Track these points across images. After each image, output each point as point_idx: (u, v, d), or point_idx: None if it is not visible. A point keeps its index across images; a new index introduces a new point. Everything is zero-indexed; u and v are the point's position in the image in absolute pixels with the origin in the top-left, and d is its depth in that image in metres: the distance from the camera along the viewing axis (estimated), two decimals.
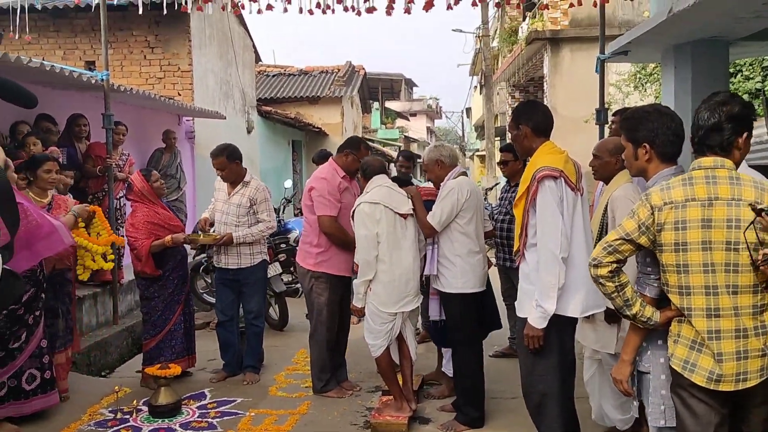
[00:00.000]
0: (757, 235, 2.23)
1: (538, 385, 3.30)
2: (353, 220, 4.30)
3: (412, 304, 4.28)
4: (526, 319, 3.22)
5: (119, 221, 6.54)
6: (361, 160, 4.71)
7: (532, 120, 3.32)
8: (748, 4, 4.40)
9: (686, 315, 2.35)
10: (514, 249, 3.42)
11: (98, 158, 6.45)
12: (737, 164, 2.47)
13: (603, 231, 3.54)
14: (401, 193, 4.39)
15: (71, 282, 4.81)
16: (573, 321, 3.28)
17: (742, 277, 2.27)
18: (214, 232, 5.28)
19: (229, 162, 5.17)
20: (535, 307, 3.14)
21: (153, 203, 5.05)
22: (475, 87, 28.66)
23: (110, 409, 4.61)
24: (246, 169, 5.36)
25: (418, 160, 11.75)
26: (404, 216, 4.28)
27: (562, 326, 3.20)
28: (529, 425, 3.67)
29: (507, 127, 3.48)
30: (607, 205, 3.55)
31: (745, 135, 2.43)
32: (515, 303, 3.44)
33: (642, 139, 2.56)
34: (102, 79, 6.28)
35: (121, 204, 6.77)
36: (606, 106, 6.62)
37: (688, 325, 2.35)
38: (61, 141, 6.31)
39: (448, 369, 4.71)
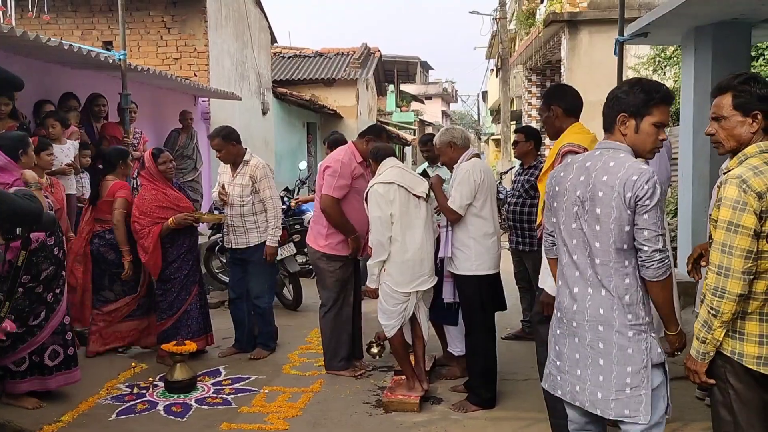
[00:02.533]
0: None
1: None
2: (367, 202, 4.32)
3: (426, 284, 4.29)
4: (543, 290, 3.27)
5: None
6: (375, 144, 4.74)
7: (564, 101, 3.44)
8: None
9: None
10: (537, 222, 3.47)
11: (113, 138, 6.50)
12: None
13: None
14: (414, 174, 4.41)
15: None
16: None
17: None
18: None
19: (225, 143, 5.17)
20: (549, 275, 3.16)
21: (162, 184, 5.09)
22: (492, 70, 28.44)
23: (127, 384, 4.69)
24: (246, 149, 5.34)
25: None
26: (418, 197, 4.29)
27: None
28: (540, 407, 3.69)
29: (539, 109, 3.53)
30: None
31: None
32: (538, 276, 3.46)
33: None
34: (119, 59, 6.32)
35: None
36: None
37: (751, 321, 2.26)
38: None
39: (454, 348, 4.75)
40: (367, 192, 4.33)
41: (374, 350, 4.75)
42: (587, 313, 2.39)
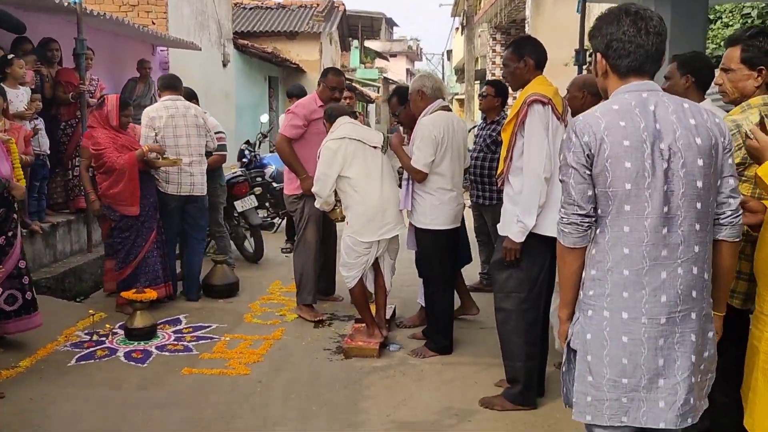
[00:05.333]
0: None
1: (505, 302, 3.47)
2: (319, 157, 4.37)
3: (392, 232, 4.32)
4: (506, 237, 3.37)
5: None
6: (329, 88, 4.96)
7: (536, 53, 3.47)
8: None
9: None
10: (498, 171, 3.55)
11: (69, 84, 6.30)
12: None
13: None
14: (368, 129, 4.53)
15: None
16: (549, 241, 3.39)
17: None
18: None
19: None
20: (515, 222, 3.29)
21: (114, 130, 5.10)
22: (457, 28, 28.26)
23: (86, 331, 4.67)
24: None
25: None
26: (374, 147, 4.36)
27: (535, 245, 3.33)
28: (495, 353, 3.84)
29: (505, 58, 3.51)
30: None
31: None
32: (497, 225, 3.56)
33: (595, 47, 2.05)
34: (75, 3, 6.09)
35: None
36: (586, 48, 6.63)
37: None
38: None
39: (421, 299, 4.84)
40: (320, 150, 4.36)
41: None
42: (679, 302, 1.89)
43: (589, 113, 1.95)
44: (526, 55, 3.45)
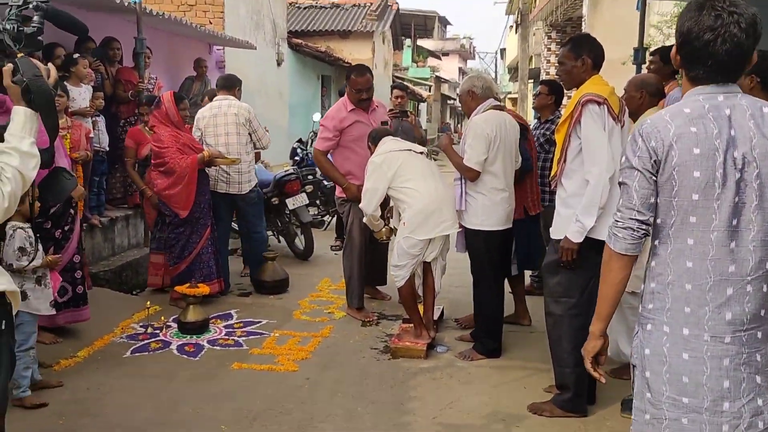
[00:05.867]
0: None
1: (555, 307, 3.41)
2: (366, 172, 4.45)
3: (449, 230, 4.28)
4: (558, 240, 3.31)
5: None
6: (354, 89, 4.87)
7: (594, 52, 3.39)
8: None
9: None
10: (551, 174, 3.46)
11: (128, 83, 6.48)
12: None
13: None
14: (411, 144, 4.61)
15: None
16: (602, 246, 3.30)
17: None
18: None
19: None
20: (574, 221, 3.22)
21: (176, 127, 5.16)
22: (511, 27, 27.93)
23: (141, 324, 4.80)
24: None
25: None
26: (421, 153, 4.47)
27: (588, 249, 3.24)
28: (545, 358, 3.77)
29: (562, 56, 3.43)
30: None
31: None
32: (550, 228, 3.48)
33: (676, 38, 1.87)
34: (135, 2, 6.26)
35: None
36: (645, 46, 6.44)
37: None
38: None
39: None
40: (367, 166, 4.44)
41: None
42: (746, 319, 1.76)
43: (659, 116, 1.80)
44: (584, 53, 3.36)
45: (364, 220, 4.57)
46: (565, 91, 5.04)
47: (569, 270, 3.30)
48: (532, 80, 19.54)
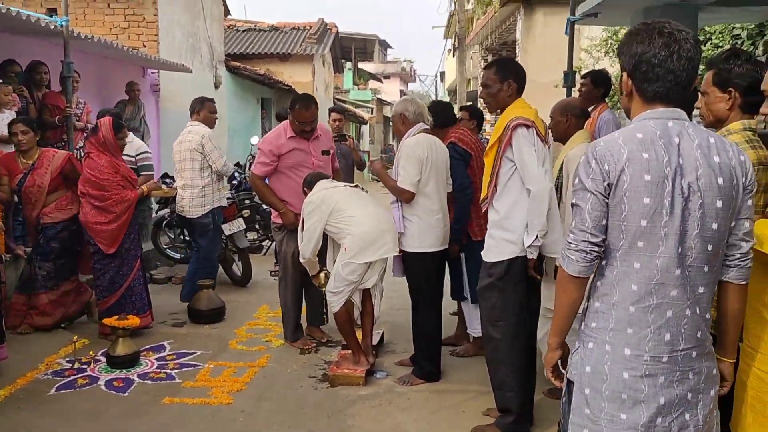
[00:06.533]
0: None
1: (493, 331, 3.41)
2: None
3: (391, 252, 4.23)
4: (493, 263, 3.34)
5: None
6: (297, 121, 4.79)
7: (520, 76, 3.45)
8: None
9: None
10: (481, 197, 3.47)
11: (55, 108, 6.26)
12: None
13: (558, 191, 3.61)
14: (344, 183, 4.64)
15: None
16: (527, 263, 3.36)
17: None
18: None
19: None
20: (527, 234, 3.25)
21: (114, 155, 4.96)
22: (449, 50, 28.44)
23: (68, 359, 4.58)
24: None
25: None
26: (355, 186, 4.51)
27: (514, 269, 3.31)
28: (483, 380, 3.77)
29: (485, 79, 3.45)
30: (562, 165, 3.64)
31: None
32: (481, 252, 3.49)
33: (622, 65, 1.93)
34: (62, 25, 6.07)
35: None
36: (574, 70, 6.63)
37: None
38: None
39: (472, 330, 4.66)
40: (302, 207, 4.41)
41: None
42: (682, 340, 1.82)
43: (611, 140, 1.82)
44: (510, 77, 3.41)
45: (302, 261, 4.48)
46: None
47: (501, 292, 3.32)
48: (470, 102, 19.90)
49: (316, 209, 4.28)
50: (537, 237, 3.22)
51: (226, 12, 14.55)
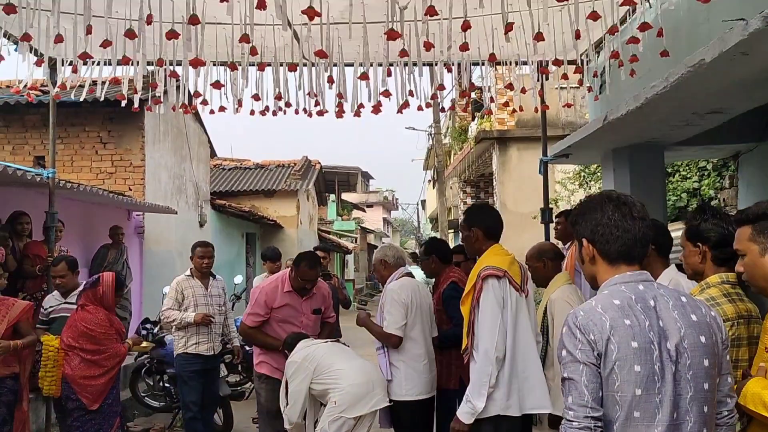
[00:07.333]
0: None
1: None
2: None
3: (381, 403, 4.07)
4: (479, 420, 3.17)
5: None
6: (300, 278, 4.72)
7: (485, 223, 3.45)
8: (678, 114, 4.66)
9: None
10: (462, 347, 3.39)
11: (36, 257, 6.25)
12: None
13: (544, 334, 3.57)
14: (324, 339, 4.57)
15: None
16: (522, 421, 3.22)
17: None
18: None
19: (214, 253, 5.85)
20: (465, 402, 3.13)
21: (111, 311, 4.87)
22: (429, 181, 29.34)
23: None
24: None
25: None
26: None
27: (507, 427, 3.15)
28: None
29: (459, 227, 3.51)
30: (546, 308, 3.63)
31: None
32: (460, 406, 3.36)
33: (579, 234, 2.01)
34: (48, 177, 6.19)
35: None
36: (552, 203, 6.83)
37: None
38: None
39: None
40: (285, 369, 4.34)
41: None
42: None
43: (590, 308, 1.81)
44: (475, 225, 3.44)
45: (288, 428, 4.29)
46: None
47: None
48: (452, 230, 20.24)
49: (300, 368, 4.18)
50: (471, 403, 3.10)
51: (213, 153, 15.04)
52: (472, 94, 7.41)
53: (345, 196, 35.76)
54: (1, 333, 4.66)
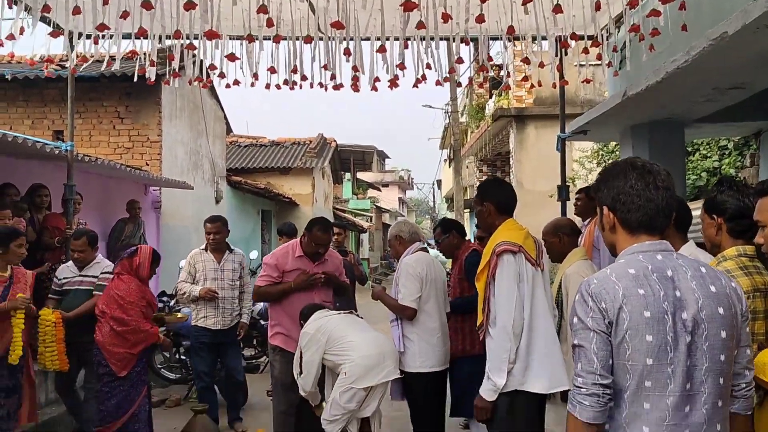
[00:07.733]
0: None
1: None
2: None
3: (392, 375, 4.10)
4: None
5: None
6: (313, 242, 4.76)
7: (497, 197, 3.38)
8: (699, 89, 4.58)
9: None
10: (477, 323, 3.38)
11: (55, 229, 6.32)
12: None
13: (559, 308, 3.56)
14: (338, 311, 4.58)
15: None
16: (539, 397, 3.21)
17: None
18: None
19: (224, 228, 5.79)
20: (486, 379, 3.11)
21: (144, 284, 4.92)
22: (445, 160, 29.21)
23: None
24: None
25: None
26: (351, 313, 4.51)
27: (524, 402, 3.13)
28: None
29: (473, 202, 3.48)
30: (561, 282, 3.61)
31: None
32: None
33: (600, 200, 1.97)
34: (66, 150, 6.25)
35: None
36: (569, 181, 6.77)
37: None
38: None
39: None
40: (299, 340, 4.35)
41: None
42: None
43: (604, 276, 1.79)
44: (486, 200, 3.38)
45: (302, 394, 4.33)
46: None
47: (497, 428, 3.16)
48: (468, 210, 20.18)
49: (313, 340, 4.21)
50: (492, 381, 3.07)
51: (228, 129, 15.07)
52: (490, 71, 7.32)
53: (360, 175, 35.74)
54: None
